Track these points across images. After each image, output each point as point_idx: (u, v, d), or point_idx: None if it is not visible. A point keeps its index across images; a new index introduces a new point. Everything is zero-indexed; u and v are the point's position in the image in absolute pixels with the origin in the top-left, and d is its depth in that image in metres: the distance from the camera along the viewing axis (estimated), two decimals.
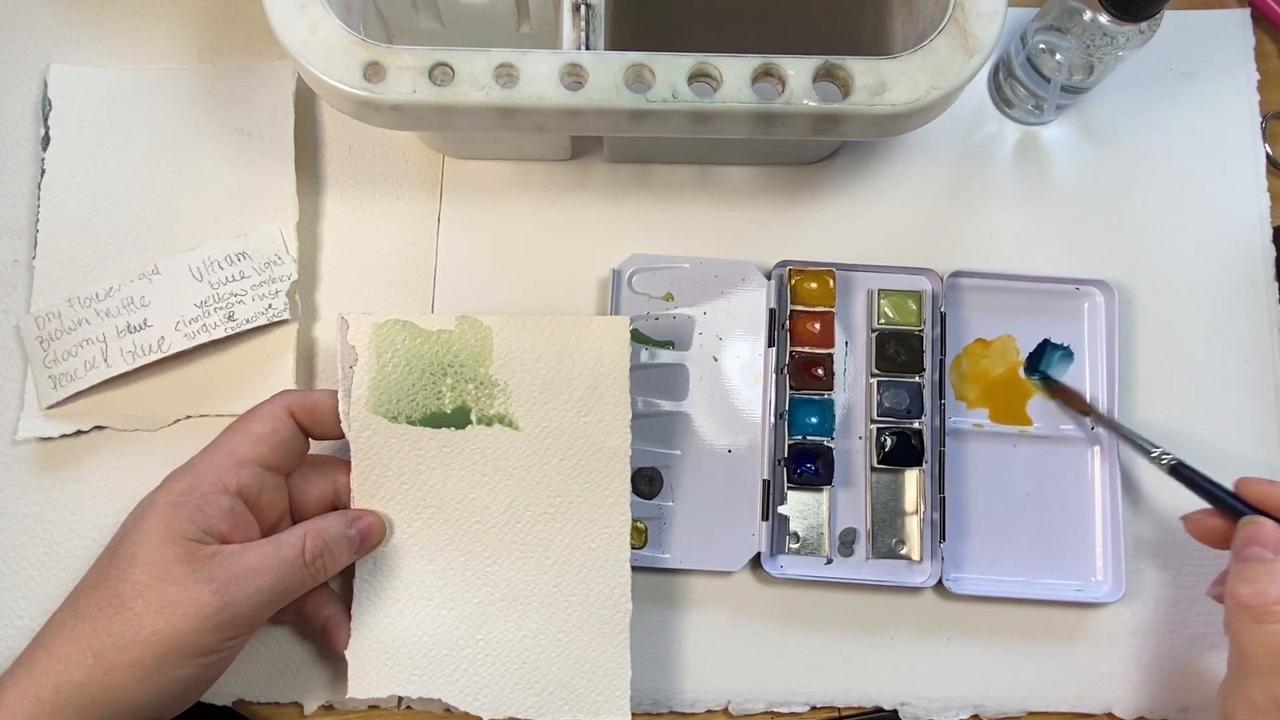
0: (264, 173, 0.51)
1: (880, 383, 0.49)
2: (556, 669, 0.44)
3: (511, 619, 0.44)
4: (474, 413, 0.44)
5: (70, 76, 0.53)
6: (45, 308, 0.50)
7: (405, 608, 0.44)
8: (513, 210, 0.53)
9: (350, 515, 0.43)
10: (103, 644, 0.37)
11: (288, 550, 0.40)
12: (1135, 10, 0.44)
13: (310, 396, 0.43)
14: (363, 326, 0.44)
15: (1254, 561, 0.40)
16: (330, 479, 0.45)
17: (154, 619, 0.37)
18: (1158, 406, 0.51)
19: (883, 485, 0.49)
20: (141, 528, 0.39)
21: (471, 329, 0.44)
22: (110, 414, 0.49)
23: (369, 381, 0.43)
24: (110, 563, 0.39)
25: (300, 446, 0.44)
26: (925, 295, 0.50)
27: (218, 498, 0.40)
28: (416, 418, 0.44)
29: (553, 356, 0.44)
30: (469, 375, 0.44)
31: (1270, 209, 0.53)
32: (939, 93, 0.41)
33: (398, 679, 0.43)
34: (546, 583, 0.44)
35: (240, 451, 0.41)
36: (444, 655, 0.43)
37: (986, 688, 0.48)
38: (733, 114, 0.41)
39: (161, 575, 0.38)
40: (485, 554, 0.44)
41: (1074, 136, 0.54)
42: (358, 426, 0.43)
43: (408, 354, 0.44)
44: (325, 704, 0.47)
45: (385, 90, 0.40)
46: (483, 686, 0.43)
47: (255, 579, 0.39)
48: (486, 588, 0.44)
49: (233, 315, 0.49)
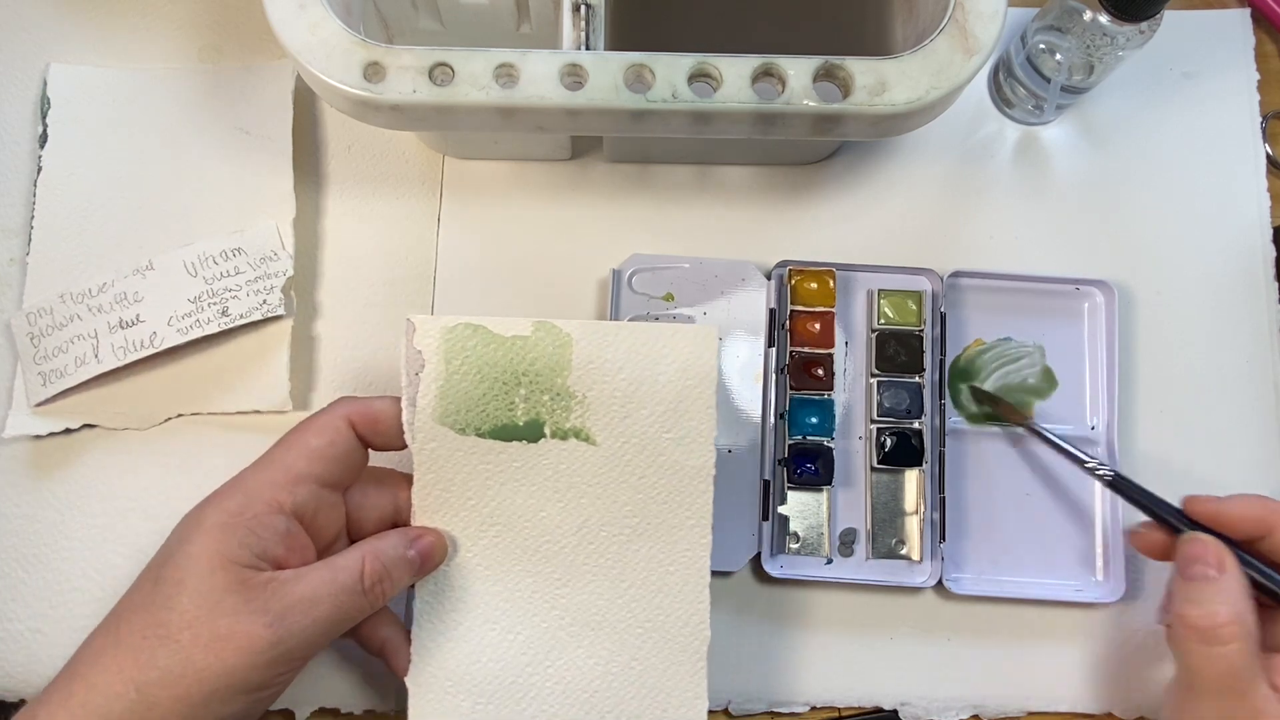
0: (262, 170, 0.51)
1: (880, 383, 0.49)
2: (629, 699, 0.41)
3: (582, 645, 0.41)
4: (548, 426, 0.41)
5: (70, 76, 0.53)
6: (37, 304, 0.50)
7: (469, 631, 0.41)
8: (513, 210, 0.53)
9: (410, 534, 0.40)
10: (146, 677, 0.35)
11: (345, 576, 0.37)
12: (1135, 10, 0.44)
13: (372, 405, 0.40)
14: (431, 330, 0.41)
15: (1199, 580, 0.39)
16: (391, 494, 0.42)
17: (202, 654, 0.35)
18: (1158, 406, 0.51)
19: (883, 485, 0.49)
20: (189, 551, 0.36)
21: (549, 335, 0.41)
22: (100, 412, 0.49)
23: (436, 390, 0.41)
24: (155, 588, 0.36)
25: (359, 460, 0.41)
26: (925, 295, 0.50)
27: (272, 519, 0.37)
28: (486, 430, 0.41)
29: (635, 367, 0.41)
30: (544, 385, 0.41)
31: (1270, 209, 0.53)
32: (939, 93, 0.41)
33: (461, 709, 0.41)
34: (620, 608, 0.41)
35: (295, 467, 0.38)
36: (510, 683, 0.41)
37: (986, 688, 0.48)
38: (733, 114, 0.41)
39: (211, 606, 0.35)
40: (555, 576, 0.41)
41: (1074, 136, 0.54)
42: (422, 438, 0.41)
43: (479, 361, 0.41)
44: (317, 710, 0.47)
45: (385, 90, 0.40)
46: (552, 717, 0.41)
47: (311, 610, 0.36)
48: (556, 612, 0.41)
49: (226, 311, 0.48)
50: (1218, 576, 0.39)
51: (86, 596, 0.48)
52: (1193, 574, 0.40)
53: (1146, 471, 0.49)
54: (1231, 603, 0.38)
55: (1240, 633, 0.38)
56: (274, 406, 0.49)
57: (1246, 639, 0.38)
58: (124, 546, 0.48)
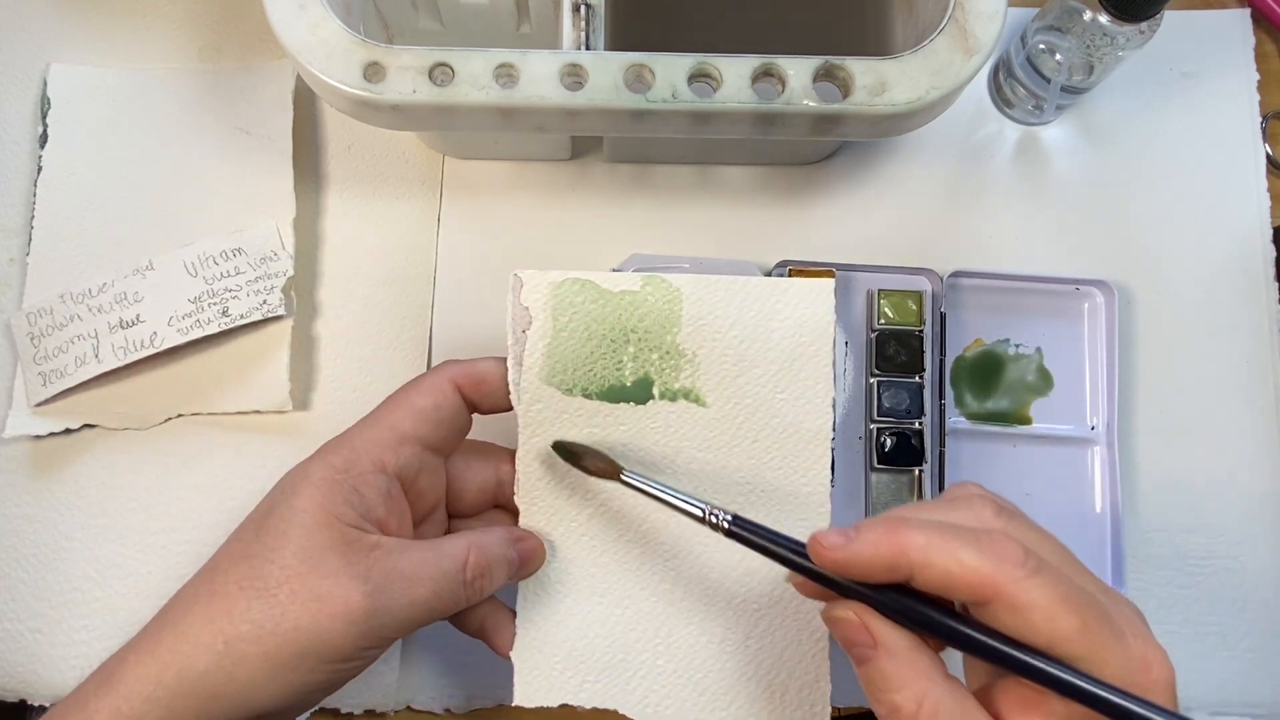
0: (262, 169, 0.51)
1: (880, 383, 0.49)
2: (746, 679, 0.39)
3: (694, 622, 0.39)
4: (657, 386, 0.39)
5: (70, 76, 0.53)
6: (37, 304, 0.50)
7: (576, 605, 0.39)
8: (513, 210, 0.53)
9: (514, 534, 0.38)
10: (237, 630, 0.33)
11: (449, 563, 0.36)
12: (1135, 10, 0.44)
13: (477, 365, 0.39)
14: (539, 285, 0.39)
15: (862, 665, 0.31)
16: (494, 466, 0.41)
17: (297, 612, 0.33)
18: (1157, 406, 0.51)
19: (882, 485, 0.49)
20: (294, 504, 0.35)
21: (659, 290, 0.39)
22: (101, 412, 0.49)
23: (543, 348, 0.39)
24: (256, 537, 0.35)
25: (464, 424, 0.40)
26: (925, 295, 0.50)
27: (376, 478, 0.36)
28: (594, 390, 0.39)
29: (747, 324, 0.39)
30: (653, 343, 0.39)
31: (1270, 209, 0.53)
32: (939, 93, 0.41)
33: (569, 686, 0.39)
34: (734, 581, 0.39)
35: (401, 427, 0.37)
36: (619, 660, 0.39)
37: None
38: (733, 114, 0.41)
39: (314, 563, 0.34)
40: (665, 547, 0.39)
41: (1074, 136, 0.54)
42: (528, 399, 0.39)
43: (587, 318, 0.39)
44: (317, 710, 0.46)
45: (385, 90, 0.40)
46: (663, 697, 0.39)
47: (411, 589, 0.35)
48: (665, 585, 0.39)
49: (227, 311, 0.49)
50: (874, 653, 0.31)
51: (86, 596, 0.48)
52: (856, 657, 0.31)
53: (1146, 471, 0.49)
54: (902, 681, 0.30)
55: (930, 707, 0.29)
56: (274, 406, 0.49)
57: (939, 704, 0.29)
58: (124, 546, 0.48)
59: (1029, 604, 0.28)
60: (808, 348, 0.39)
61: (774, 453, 0.39)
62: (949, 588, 0.30)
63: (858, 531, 0.31)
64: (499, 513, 0.42)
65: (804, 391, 0.39)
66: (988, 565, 0.29)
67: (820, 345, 0.39)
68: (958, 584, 0.29)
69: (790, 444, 0.39)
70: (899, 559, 0.30)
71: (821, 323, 0.39)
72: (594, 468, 0.38)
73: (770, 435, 0.39)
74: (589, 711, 0.47)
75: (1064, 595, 0.29)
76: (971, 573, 0.29)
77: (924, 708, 0.29)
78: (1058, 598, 0.28)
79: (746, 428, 0.39)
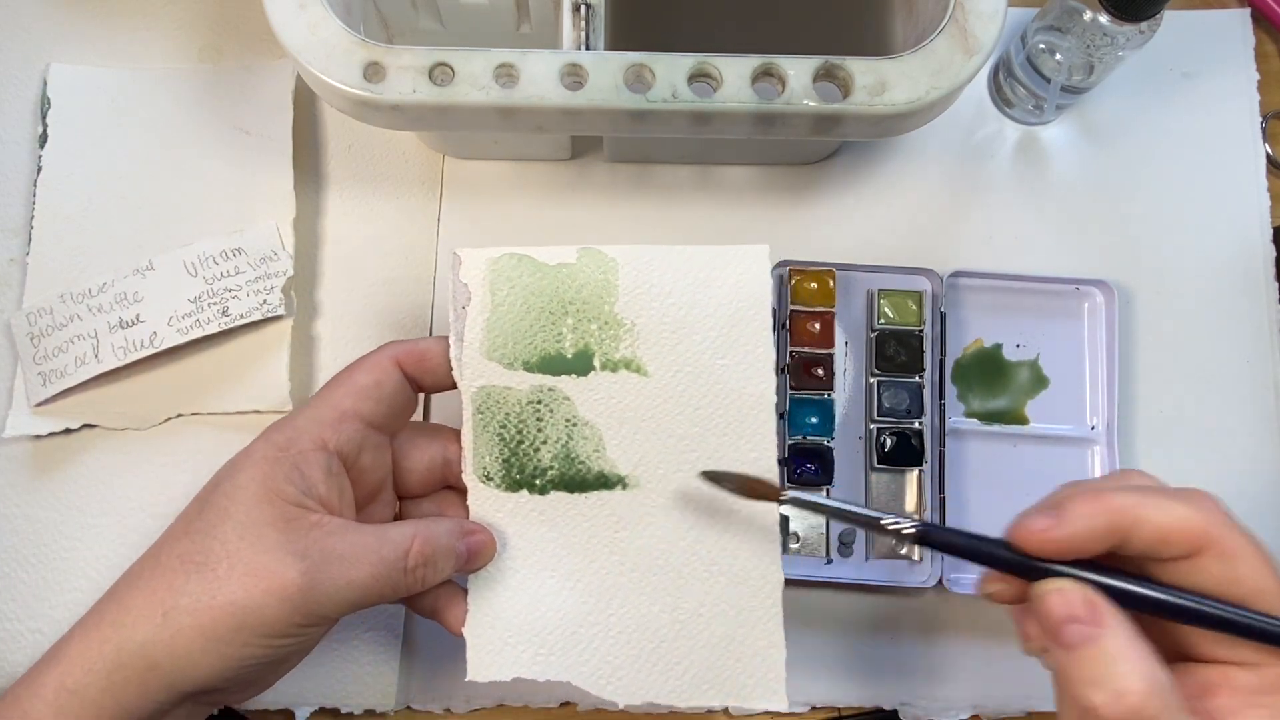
0: (262, 169, 0.51)
1: (880, 383, 0.49)
2: (699, 648, 0.39)
3: (645, 592, 0.39)
4: (598, 357, 0.40)
5: (70, 76, 0.53)
6: (37, 304, 0.50)
7: (527, 579, 0.39)
8: (513, 210, 0.53)
9: (464, 527, 0.39)
10: (176, 603, 0.34)
11: (390, 550, 0.36)
12: (1135, 10, 0.44)
13: (419, 343, 0.40)
14: (477, 261, 0.40)
15: (1080, 648, 0.29)
16: (440, 445, 0.41)
17: (234, 586, 0.34)
18: (1157, 406, 0.51)
19: (882, 485, 0.49)
20: (237, 481, 0.36)
21: (595, 261, 0.40)
22: (100, 412, 0.49)
23: (483, 323, 0.40)
24: (199, 514, 0.36)
25: (407, 402, 0.40)
26: (925, 295, 0.50)
27: (317, 455, 0.36)
28: (534, 362, 0.40)
29: (684, 291, 0.40)
30: (592, 314, 0.40)
31: (1270, 209, 0.53)
32: (939, 93, 0.41)
33: (521, 660, 0.38)
34: (683, 550, 0.39)
35: (342, 405, 0.38)
36: (571, 633, 0.39)
37: (986, 688, 0.48)
38: (733, 114, 0.41)
39: (253, 538, 0.34)
40: (612, 518, 0.39)
41: (1074, 136, 0.54)
42: (470, 374, 0.39)
43: (525, 291, 0.40)
44: (317, 710, 0.47)
45: (385, 90, 0.40)
46: (616, 668, 0.38)
47: (348, 570, 0.35)
48: (615, 557, 0.39)
49: (227, 311, 0.49)
50: (1101, 632, 0.29)
51: (86, 596, 0.47)
52: (1070, 640, 0.30)
53: (1146, 471, 0.49)
54: (1134, 663, 0.29)
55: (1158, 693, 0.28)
56: (274, 406, 0.49)
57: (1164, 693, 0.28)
58: (124, 546, 0.48)
59: (1238, 551, 0.29)
60: (745, 313, 0.40)
61: (718, 419, 0.39)
62: (1164, 541, 0.30)
63: (1059, 508, 0.31)
64: (450, 493, 0.42)
65: (744, 357, 0.40)
66: (1199, 516, 0.30)
67: (758, 310, 0.40)
68: (1173, 537, 0.30)
69: (733, 410, 0.39)
70: (1114, 523, 0.30)
71: (758, 288, 0.40)
72: (752, 490, 0.37)
73: (713, 402, 0.39)
74: (588, 711, 0.47)
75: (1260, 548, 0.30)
76: (1186, 522, 0.30)
77: (1154, 688, 0.28)
78: (1258, 549, 0.30)
79: (689, 395, 0.40)
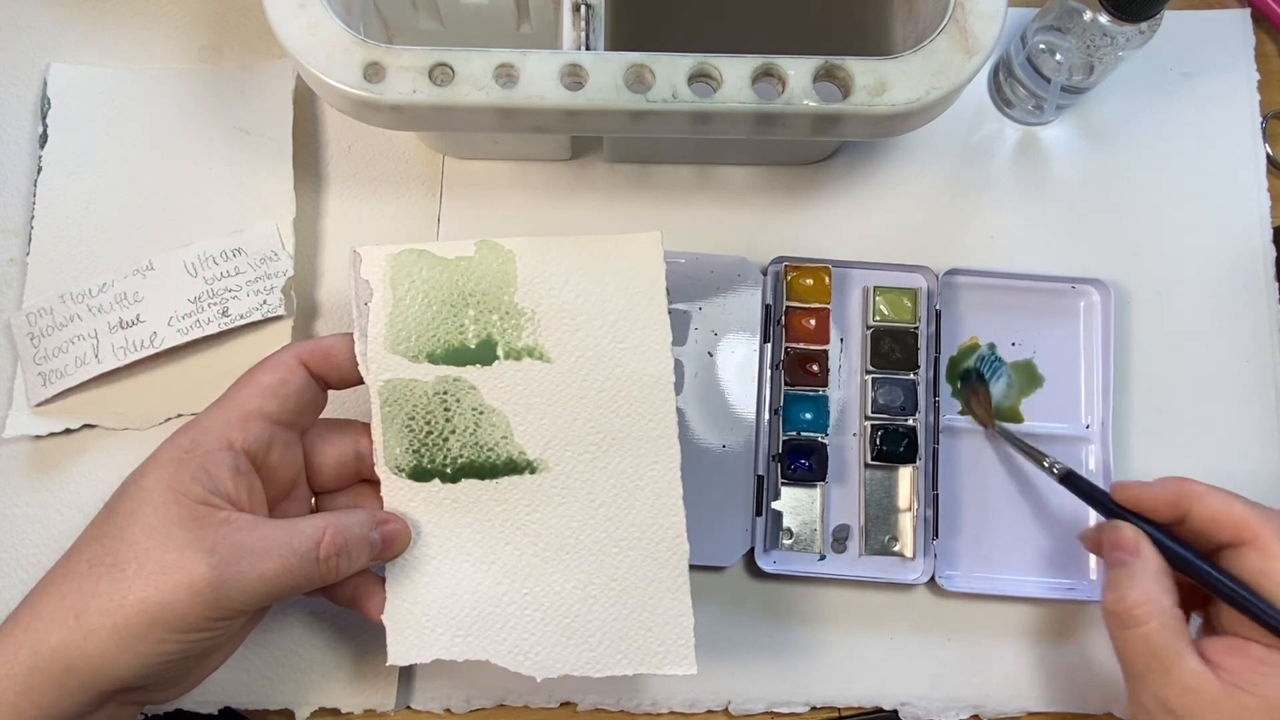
0: (262, 169, 0.51)
1: (875, 379, 0.49)
2: (611, 620, 0.40)
3: (558, 570, 0.40)
4: (500, 346, 0.41)
5: (70, 76, 0.53)
6: (37, 304, 0.50)
7: (442, 566, 0.40)
8: (513, 210, 0.53)
9: (377, 517, 0.39)
10: (87, 604, 0.34)
11: (301, 541, 0.36)
12: (1135, 10, 0.44)
13: (323, 341, 0.40)
14: (376, 258, 0.41)
15: (1117, 567, 0.40)
16: (352, 439, 0.42)
17: (144, 584, 0.34)
18: (1156, 406, 0.51)
19: (876, 482, 0.49)
20: (143, 484, 0.36)
21: (492, 253, 0.41)
22: (100, 412, 0.49)
23: (386, 317, 0.40)
24: (108, 519, 0.36)
25: (314, 399, 0.41)
26: (920, 293, 0.50)
27: (223, 455, 0.37)
28: (439, 354, 0.41)
29: (581, 279, 0.41)
30: (493, 304, 0.41)
31: (1270, 209, 0.53)
32: (939, 93, 0.41)
33: (440, 642, 0.40)
34: (593, 528, 0.41)
35: (247, 405, 0.38)
36: (488, 614, 0.40)
37: (986, 688, 0.48)
38: (733, 114, 0.41)
39: (161, 538, 0.35)
40: (524, 501, 0.41)
41: (1074, 136, 0.54)
42: (376, 369, 0.40)
43: (426, 285, 0.41)
44: (317, 710, 0.47)
45: (385, 90, 0.40)
46: (533, 644, 0.40)
47: (258, 563, 0.35)
48: (528, 538, 0.41)
49: (227, 311, 0.49)
50: (1132, 561, 0.39)
51: None
52: (1113, 561, 0.40)
53: (1143, 470, 0.49)
54: (1142, 585, 0.39)
55: (1153, 611, 0.38)
56: None
57: (1161, 616, 0.38)
58: None
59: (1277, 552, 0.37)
60: (641, 298, 0.41)
61: (620, 400, 0.41)
62: (1216, 523, 0.39)
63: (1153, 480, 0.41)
64: (364, 486, 0.42)
65: (642, 340, 0.41)
66: (1249, 512, 0.38)
67: (653, 294, 0.41)
68: (1225, 522, 0.39)
69: (634, 391, 0.41)
70: (1182, 496, 0.40)
71: (652, 272, 0.41)
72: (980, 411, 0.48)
73: (614, 385, 0.41)
74: (588, 711, 0.47)
75: None
76: (1240, 515, 0.38)
77: (1145, 608, 0.38)
78: None
79: (591, 379, 0.41)
